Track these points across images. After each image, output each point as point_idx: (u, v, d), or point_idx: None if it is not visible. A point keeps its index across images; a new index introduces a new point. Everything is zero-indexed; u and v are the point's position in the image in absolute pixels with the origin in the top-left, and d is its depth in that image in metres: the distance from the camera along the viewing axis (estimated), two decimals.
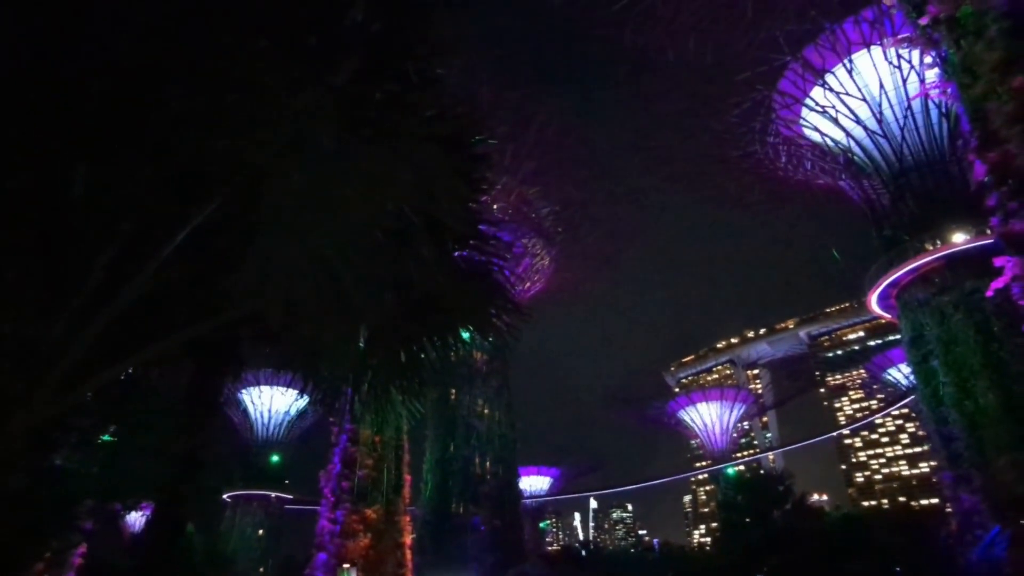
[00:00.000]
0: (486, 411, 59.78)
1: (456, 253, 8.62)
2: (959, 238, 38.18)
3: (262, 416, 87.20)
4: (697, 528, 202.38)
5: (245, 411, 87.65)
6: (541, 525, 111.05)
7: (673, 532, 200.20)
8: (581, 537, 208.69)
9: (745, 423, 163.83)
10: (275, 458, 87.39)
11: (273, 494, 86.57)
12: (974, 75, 19.91)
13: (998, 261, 21.71)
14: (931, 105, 39.51)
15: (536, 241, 61.12)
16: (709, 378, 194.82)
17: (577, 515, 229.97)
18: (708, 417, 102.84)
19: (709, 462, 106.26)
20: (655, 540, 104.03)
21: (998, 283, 21.18)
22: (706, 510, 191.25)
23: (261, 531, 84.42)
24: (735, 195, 57.68)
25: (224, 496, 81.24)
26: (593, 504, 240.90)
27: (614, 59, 45.62)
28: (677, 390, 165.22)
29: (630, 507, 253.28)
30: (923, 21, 21.30)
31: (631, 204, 62.55)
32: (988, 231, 32.73)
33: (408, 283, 7.78)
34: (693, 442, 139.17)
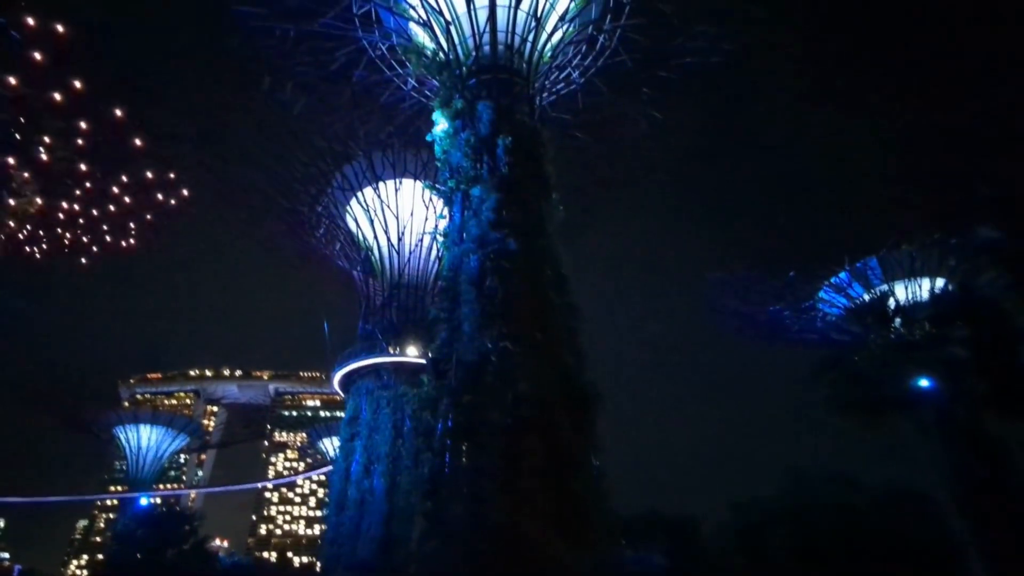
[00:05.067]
0: None
1: None
2: (411, 351, 45.66)
3: None
4: (79, 558, 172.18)
5: None
6: None
7: (51, 559, 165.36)
8: None
9: (183, 456, 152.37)
10: None
11: None
12: (456, 242, 25.50)
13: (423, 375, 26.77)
14: (434, 244, 47.55)
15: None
16: (168, 401, 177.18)
17: None
18: (147, 440, 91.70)
19: (126, 488, 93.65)
20: (17, 566, 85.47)
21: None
22: (100, 539, 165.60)
23: None
24: (269, 240, 57.09)
25: None
26: None
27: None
28: (127, 404, 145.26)
29: (1, 522, 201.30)
30: (440, 187, 26.50)
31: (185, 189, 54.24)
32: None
33: None
34: (118, 463, 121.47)
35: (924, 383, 36.23)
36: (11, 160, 45.08)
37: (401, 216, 49.05)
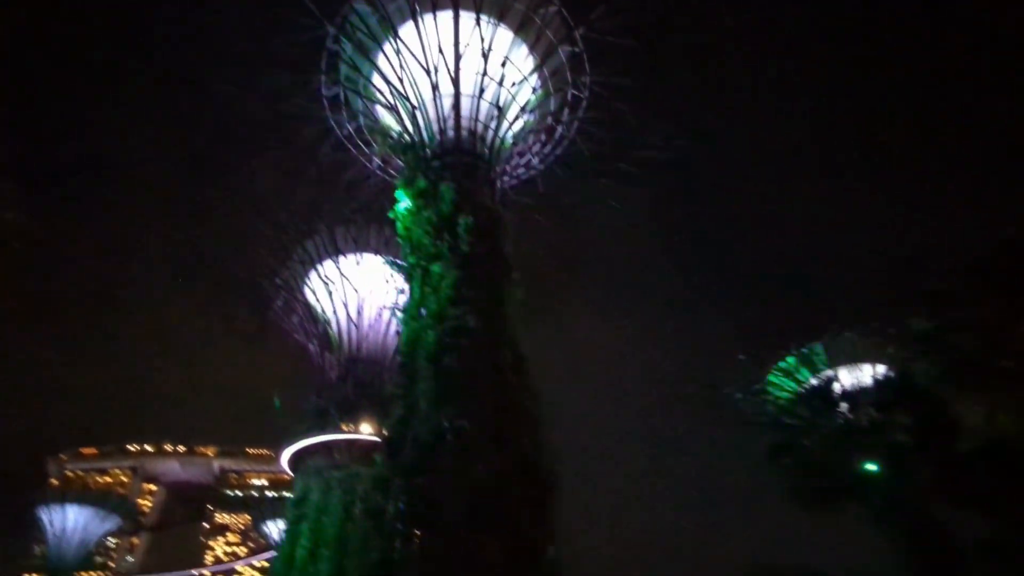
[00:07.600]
0: None
1: None
2: (365, 428, 43.65)
3: None
4: None
5: None
6: None
7: None
8: None
9: (113, 539, 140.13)
10: None
11: None
12: (414, 318, 25.05)
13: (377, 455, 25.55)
14: (393, 320, 46.62)
15: None
16: (102, 479, 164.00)
17: None
18: (74, 522, 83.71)
19: None
20: None
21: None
22: None
23: None
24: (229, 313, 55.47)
25: None
26: None
27: None
28: (55, 481, 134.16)
29: None
30: (400, 263, 26.49)
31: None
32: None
33: None
34: (38, 547, 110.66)
35: (872, 468, 36.37)
36: None
37: (361, 290, 48.29)
